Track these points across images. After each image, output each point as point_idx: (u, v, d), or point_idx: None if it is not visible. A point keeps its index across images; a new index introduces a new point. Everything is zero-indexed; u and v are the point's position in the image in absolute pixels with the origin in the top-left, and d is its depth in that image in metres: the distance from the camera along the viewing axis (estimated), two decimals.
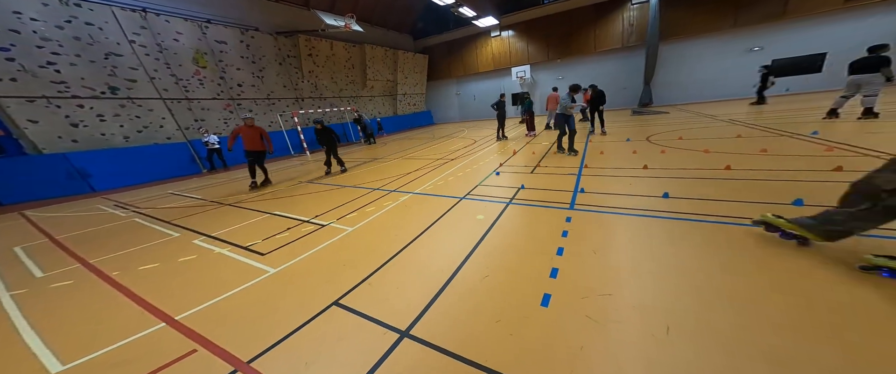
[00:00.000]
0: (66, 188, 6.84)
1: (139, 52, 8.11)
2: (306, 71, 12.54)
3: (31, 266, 2.82)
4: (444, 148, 8.29)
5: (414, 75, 18.80)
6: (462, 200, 3.61)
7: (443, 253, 2.34)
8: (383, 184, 4.90)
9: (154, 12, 8.41)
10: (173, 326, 1.72)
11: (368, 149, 10.32)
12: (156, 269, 2.51)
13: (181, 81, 9.02)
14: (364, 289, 1.95)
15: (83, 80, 7.22)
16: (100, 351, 1.52)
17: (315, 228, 3.19)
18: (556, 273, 1.87)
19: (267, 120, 11.27)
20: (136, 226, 3.88)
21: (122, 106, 7.88)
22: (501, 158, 5.97)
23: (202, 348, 1.51)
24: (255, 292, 2.02)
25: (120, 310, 1.92)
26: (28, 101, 6.55)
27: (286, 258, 2.49)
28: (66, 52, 6.97)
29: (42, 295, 2.24)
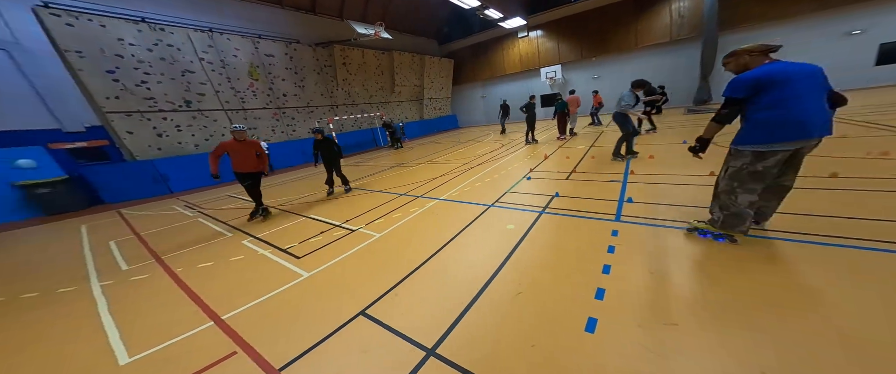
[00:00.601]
0: (151, 190, 7.98)
1: (207, 69, 9.12)
2: (340, 79, 13.14)
3: (119, 259, 3.27)
4: (470, 152, 8.12)
5: (439, 80, 18.84)
6: (490, 207, 3.45)
7: (471, 265, 2.23)
8: (410, 189, 4.92)
9: (218, 32, 9.41)
10: (220, 325, 1.84)
11: (395, 153, 10.50)
12: (211, 267, 2.75)
13: (239, 93, 10.02)
14: (390, 299, 1.91)
15: (166, 95, 8.31)
16: (158, 346, 1.68)
17: (345, 233, 3.27)
18: (602, 294, 1.67)
19: (306, 127, 12.08)
20: (199, 225, 4.34)
21: (193, 117, 8.98)
22: (531, 162, 5.66)
23: (241, 350, 1.59)
24: (290, 296, 2.09)
25: (179, 306, 2.11)
26: (127, 115, 7.72)
27: (318, 263, 2.56)
28: (154, 72, 8.03)
29: (124, 287, 2.55)
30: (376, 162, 8.96)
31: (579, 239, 2.39)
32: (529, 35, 16.40)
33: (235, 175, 3.97)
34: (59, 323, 2.07)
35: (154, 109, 8.11)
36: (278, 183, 7.50)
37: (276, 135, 10.99)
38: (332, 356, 1.50)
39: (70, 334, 1.93)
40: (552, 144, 7.45)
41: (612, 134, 7.84)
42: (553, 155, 6.07)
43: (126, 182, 7.60)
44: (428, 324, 1.64)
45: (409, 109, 17.80)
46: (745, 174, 1.78)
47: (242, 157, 3.88)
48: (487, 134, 12.89)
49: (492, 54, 18.15)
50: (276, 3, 11.45)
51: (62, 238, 4.47)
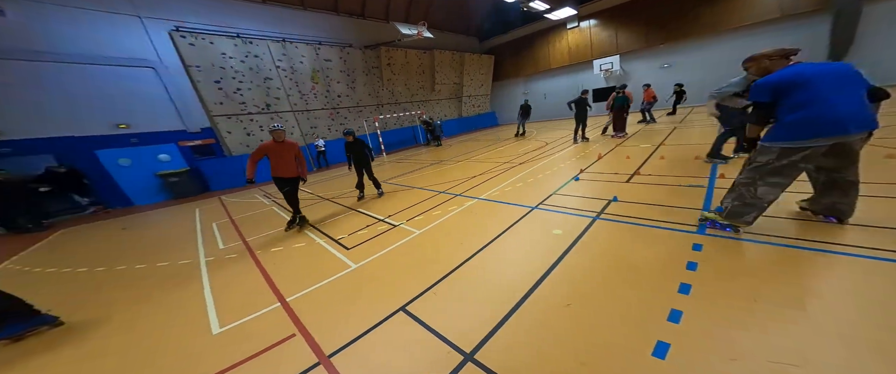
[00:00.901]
0: (241, 181, 9.63)
1: (281, 75, 10.33)
2: (386, 79, 13.66)
3: (218, 239, 3.97)
4: (512, 151, 7.73)
5: (479, 77, 18.30)
6: (534, 209, 3.24)
7: (513, 268, 2.14)
8: (449, 187, 4.90)
9: (289, 41, 10.54)
10: (285, 307, 2.09)
11: (434, 151, 10.59)
12: (280, 252, 3.15)
13: (304, 96, 11.24)
14: (429, 298, 1.93)
15: (253, 100, 9.70)
16: (240, 320, 1.97)
17: (388, 227, 3.43)
18: (678, 317, 1.44)
19: (355, 125, 12.92)
20: (273, 213, 5.01)
21: (270, 118, 10.41)
22: (582, 162, 5.14)
23: (299, 333, 1.77)
24: (341, 285, 2.27)
25: (257, 285, 2.45)
26: (227, 117, 9.28)
27: (365, 255, 2.72)
28: (245, 80, 9.37)
29: (220, 263, 3.08)
30: (415, 159, 9.15)
31: (648, 251, 2.08)
32: (581, 25, 14.80)
33: (273, 180, 3.64)
34: (176, 290, 2.58)
35: (245, 111, 9.61)
36: (331, 177, 8.26)
37: (332, 132, 12.07)
38: (375, 349, 1.57)
39: (183, 300, 2.39)
40: (606, 143, 6.61)
41: (680, 132, 6.81)
42: (608, 154, 5.42)
43: (225, 174, 9.29)
44: (466, 326, 1.61)
45: (448, 106, 17.71)
46: (769, 169, 1.79)
47: (281, 160, 3.53)
48: (529, 132, 12.15)
49: (536, 49, 16.88)
50: (332, 10, 12.38)
51: (184, 219, 5.62)
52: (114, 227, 5.74)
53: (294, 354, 1.60)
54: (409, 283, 2.15)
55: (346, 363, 1.50)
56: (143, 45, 8.30)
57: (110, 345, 1.91)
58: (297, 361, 1.54)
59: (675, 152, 4.85)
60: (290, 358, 1.57)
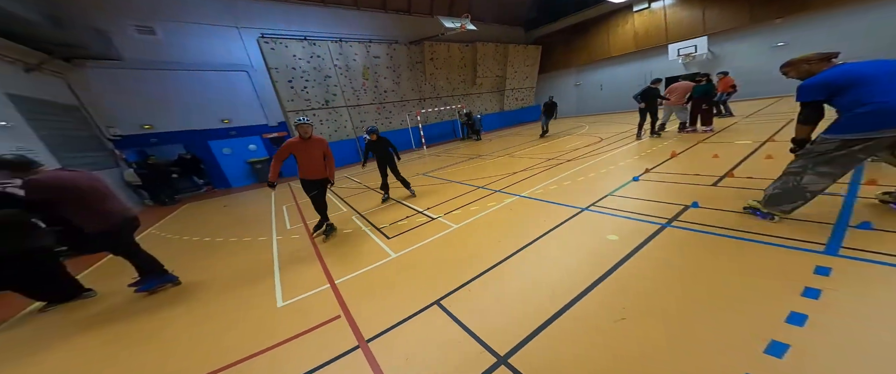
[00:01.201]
0: None
1: (338, 73, 11.14)
2: (428, 74, 13.66)
3: (286, 220, 4.54)
4: (558, 146, 7.10)
5: (523, 69, 17.12)
6: (584, 211, 2.94)
7: (557, 272, 1.98)
8: (488, 183, 4.74)
9: (345, 41, 11.30)
10: (333, 288, 2.29)
11: (473, 145, 10.32)
12: (335, 235, 3.46)
13: (356, 92, 12.05)
14: (464, 295, 1.91)
15: (316, 96, 10.75)
16: (298, 297, 2.21)
17: (426, 220, 3.48)
18: (781, 351, 1.18)
19: (398, 119, 13.36)
20: (328, 201, 5.64)
21: (328, 114, 11.48)
22: (645, 161, 4.47)
23: (343, 316, 1.93)
24: (382, 273, 2.38)
25: (311, 266, 2.71)
26: (296, 113, 10.65)
27: (404, 245, 2.81)
28: (309, 79, 10.32)
29: (288, 242, 3.50)
30: (454, 153, 9.09)
31: (744, 269, 1.72)
32: (651, 6, 12.63)
33: (301, 182, 3.28)
34: (256, 264, 3.01)
35: (310, 107, 10.77)
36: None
37: (378, 126, 12.70)
38: (408, 340, 1.61)
39: (259, 273, 2.76)
40: (683, 140, 5.58)
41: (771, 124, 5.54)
42: (686, 152, 4.62)
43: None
44: (501, 328, 1.55)
45: (490, 100, 17.00)
46: (824, 158, 1.79)
47: (308, 159, 3.06)
48: (580, 126, 10.96)
49: (591, 37, 15.01)
50: (381, 8, 12.78)
51: (263, 201, 6.59)
52: (218, 204, 7.12)
53: (338, 334, 1.74)
54: (445, 277, 2.15)
55: (382, 349, 1.57)
56: (240, 51, 9.75)
57: (209, 309, 2.29)
58: (340, 341, 1.67)
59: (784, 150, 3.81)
60: (334, 338, 1.71)
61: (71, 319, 2.34)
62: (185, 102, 9.07)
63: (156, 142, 8.79)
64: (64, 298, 2.50)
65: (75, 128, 6.92)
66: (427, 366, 1.41)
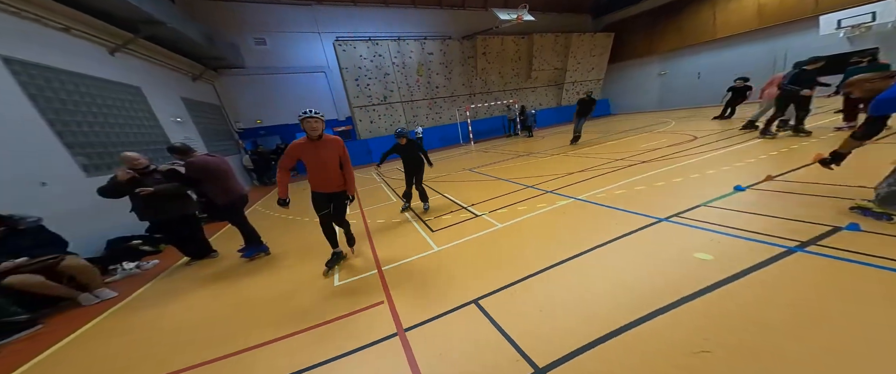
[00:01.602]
0: (365, 160, 12.09)
1: (395, 70, 11.79)
2: (479, 68, 13.16)
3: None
4: (629, 145, 6.08)
5: (589, 60, 15.10)
6: (662, 222, 2.46)
7: (617, 286, 1.72)
8: (538, 182, 4.35)
9: (403, 39, 11.68)
10: (380, 274, 2.42)
11: (524, 142, 9.63)
12: (382, 224, 3.67)
13: (411, 88, 12.55)
14: (504, 296, 1.80)
15: (376, 93, 11.54)
16: (351, 279, 2.39)
17: (470, 216, 3.41)
18: None
19: (448, 114, 13.30)
20: (381, 190, 5.93)
21: (385, 108, 12.30)
22: (766, 165, 3.48)
23: (386, 302, 2.03)
24: (424, 265, 2.40)
25: (365, 251, 2.90)
26: (361, 108, 11.51)
27: (447, 240, 2.79)
28: (372, 77, 11.09)
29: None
30: (504, 149, 8.64)
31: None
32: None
33: (312, 197, 2.45)
34: (321, 243, 3.40)
35: (371, 103, 11.73)
36: None
37: (429, 121, 13.04)
38: (444, 335, 1.58)
39: (324, 252, 2.96)
40: (825, 139, 4.19)
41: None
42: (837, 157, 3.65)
43: (356, 153, 11.88)
44: (543, 337, 1.41)
45: (545, 94, 15.63)
46: None
47: (320, 166, 2.26)
48: (663, 121, 9.10)
49: (687, 17, 12.37)
50: (436, 4, 12.79)
51: None
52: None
53: (380, 319, 1.82)
54: (485, 277, 2.05)
55: (419, 340, 1.58)
56: (319, 54, 11.10)
57: (281, 279, 2.64)
58: (381, 327, 1.74)
59: None
60: (377, 322, 1.79)
61: (200, 274, 3.02)
62: (280, 101, 10.87)
63: (264, 133, 10.84)
64: (200, 255, 3.29)
65: (217, 123, 9.00)
66: (460, 365, 1.36)
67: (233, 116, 10.03)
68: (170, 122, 6.41)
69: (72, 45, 4.58)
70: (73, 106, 4.24)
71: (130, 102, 5.49)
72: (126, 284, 2.99)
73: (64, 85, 4.21)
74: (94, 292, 2.49)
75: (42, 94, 3.85)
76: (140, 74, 6.02)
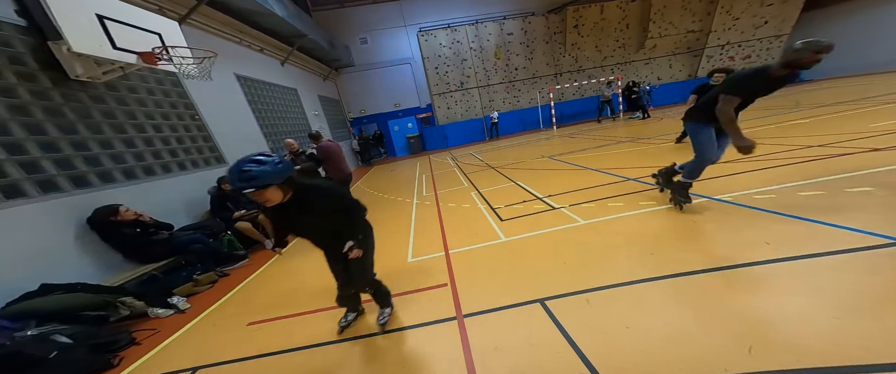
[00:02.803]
0: (441, 144, 12.55)
1: (472, 55, 11.48)
2: (570, 44, 11.15)
3: (424, 188, 5.38)
4: (838, 125, 3.95)
5: (760, 11, 10.36)
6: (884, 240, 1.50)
7: (750, 328, 1.19)
8: (644, 175, 3.38)
9: (481, 22, 11.17)
10: (447, 256, 2.49)
11: (629, 125, 7.75)
12: (453, 208, 3.71)
13: (487, 72, 11.93)
14: (578, 302, 1.55)
15: (454, 80, 11.68)
16: (423, 257, 2.55)
17: (545, 208, 3.02)
18: None
19: (528, 97, 11.91)
20: (453, 174, 5.99)
21: (462, 94, 12.28)
22: None
23: (449, 285, 2.07)
24: (489, 254, 2.31)
25: (435, 233, 3.02)
26: (439, 95, 11.94)
27: (516, 231, 2.59)
28: (450, 64, 11.26)
29: (422, 208, 4.09)
30: (599, 134, 7.14)
31: None
32: None
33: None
34: (401, 220, 3.80)
35: (448, 90, 11.99)
36: (502, 147, 8.54)
37: (506, 105, 12.21)
38: (501, 328, 1.49)
39: (402, 228, 3.42)
40: None
41: None
42: None
43: (434, 138, 12.56)
44: (621, 359, 1.15)
45: (667, 65, 12.02)
46: None
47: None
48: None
49: None
50: None
51: (412, 169, 8.20)
52: (387, 169, 9.73)
53: (441, 300, 1.86)
54: (556, 276, 1.81)
55: (475, 328, 1.53)
56: (405, 47, 11.98)
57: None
58: (442, 308, 1.78)
59: None
60: (438, 303, 1.84)
61: None
62: (377, 92, 12.47)
63: (366, 122, 12.91)
64: None
65: (337, 114, 11.28)
66: (515, 363, 1.25)
67: (346, 107, 12.28)
68: (311, 114, 8.44)
69: (263, 62, 6.55)
70: (264, 106, 6.12)
71: (291, 100, 7.49)
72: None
73: (260, 90, 6.13)
74: (266, 242, 3.63)
75: (253, 99, 5.75)
76: (295, 78, 8.08)
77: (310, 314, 2.05)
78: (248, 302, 2.41)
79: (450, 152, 10.15)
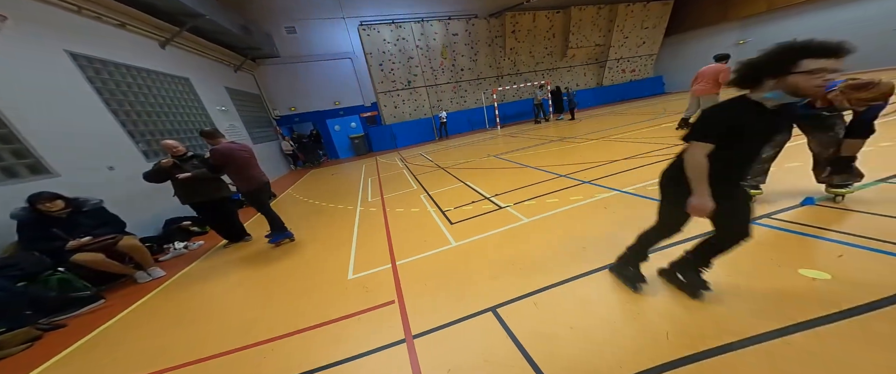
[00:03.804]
0: (389, 145, 12.05)
1: (419, 54, 11.28)
2: (508, 48, 12.08)
3: (369, 193, 4.97)
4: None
5: (639, 32, 13.08)
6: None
7: (681, 308, 1.37)
8: (573, 171, 3.85)
9: (426, 20, 11.10)
10: (393, 269, 2.28)
11: (558, 126, 8.82)
12: (401, 213, 3.55)
13: (434, 71, 11.99)
14: (527, 307, 1.56)
15: (400, 78, 11.28)
16: (365, 273, 2.30)
17: (493, 208, 3.11)
18: None
19: (473, 98, 12.48)
20: (402, 177, 5.80)
21: (409, 93, 11.99)
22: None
23: (397, 302, 1.89)
24: (439, 262, 2.22)
25: (380, 242, 2.79)
26: (385, 93, 11.38)
27: (466, 234, 2.57)
28: (395, 61, 10.84)
29: (366, 215, 3.77)
30: (534, 134, 7.94)
31: None
32: None
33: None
34: (343, 230, 3.41)
35: (394, 88, 11.53)
36: (451, 147, 8.69)
37: (453, 105, 12.53)
38: (455, 346, 1.41)
39: (342, 240, 3.08)
40: None
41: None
42: None
43: (381, 138, 11.93)
44: (571, 363, 1.19)
45: (583, 74, 14.03)
46: None
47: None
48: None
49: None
50: None
51: (357, 172, 7.59)
52: (328, 173, 8.76)
53: (388, 321, 1.68)
54: (506, 280, 1.82)
55: (427, 350, 1.42)
56: (345, 40, 10.97)
57: (300, 267, 2.66)
58: (390, 330, 1.60)
59: None
60: (385, 324, 1.66)
61: (234, 257, 3.18)
62: (311, 88, 11.13)
63: (298, 121, 11.32)
64: (236, 239, 3.52)
65: (258, 111, 9.54)
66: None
67: (271, 104, 10.53)
68: (216, 110, 6.87)
69: (128, 41, 4.96)
70: (133, 97, 4.65)
71: (182, 92, 5.92)
72: (174, 263, 3.30)
73: (123, 78, 4.62)
74: (148, 271, 2.74)
75: (106, 86, 4.25)
76: (188, 65, 6.43)
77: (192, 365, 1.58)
78: (99, 361, 1.75)
79: (399, 153, 9.80)
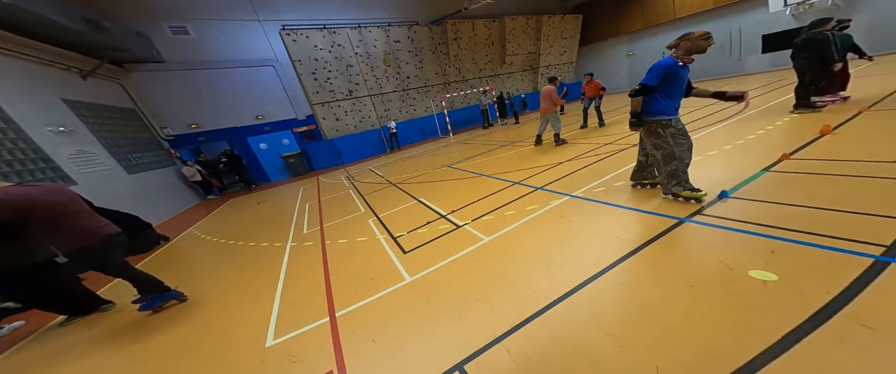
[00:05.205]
0: (333, 161, 11.06)
1: (359, 61, 10.74)
2: (452, 55, 12.59)
3: (305, 222, 4.27)
4: (619, 129, 5.82)
5: (560, 42, 15.03)
6: (683, 222, 2.08)
7: (671, 335, 1.26)
8: (526, 177, 3.97)
9: (364, 26, 10.76)
10: (332, 324, 1.84)
11: (506, 130, 9.35)
12: (345, 245, 3.07)
13: (378, 79, 11.64)
14: (500, 356, 1.33)
15: (339, 87, 10.56)
16: (292, 334, 1.82)
17: (451, 227, 2.91)
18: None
19: (423, 106, 12.55)
20: (349, 198, 5.23)
21: (352, 104, 11.34)
22: (781, 143, 3.32)
23: (336, 369, 1.53)
24: (391, 305, 1.89)
25: (316, 288, 2.32)
26: (322, 105, 10.44)
27: (422, 265, 2.28)
28: (332, 69, 10.10)
29: (299, 251, 3.19)
30: (485, 140, 8.25)
31: None
32: None
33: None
34: (263, 277, 2.75)
35: (334, 99, 10.67)
36: (404, 159, 8.40)
37: (403, 114, 12.36)
38: None
39: (262, 290, 2.47)
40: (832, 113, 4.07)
41: None
42: (845, 127, 3.35)
43: (323, 155, 10.86)
44: None
45: (522, 79, 15.42)
46: None
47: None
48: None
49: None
50: None
51: (291, 197, 6.62)
52: (254, 200, 7.45)
53: None
54: (472, 320, 1.59)
55: None
56: (264, 46, 9.74)
57: (195, 337, 2.06)
58: None
59: None
60: None
61: (82, 336, 2.29)
62: (223, 100, 9.48)
63: (204, 140, 9.42)
64: (81, 311, 2.52)
65: (134, 130, 7.53)
66: None
67: (157, 121, 8.50)
68: (47, 133, 5.05)
69: None
70: None
71: None
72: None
73: None
74: None
75: None
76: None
77: None
78: None
79: (345, 170, 9.03)
